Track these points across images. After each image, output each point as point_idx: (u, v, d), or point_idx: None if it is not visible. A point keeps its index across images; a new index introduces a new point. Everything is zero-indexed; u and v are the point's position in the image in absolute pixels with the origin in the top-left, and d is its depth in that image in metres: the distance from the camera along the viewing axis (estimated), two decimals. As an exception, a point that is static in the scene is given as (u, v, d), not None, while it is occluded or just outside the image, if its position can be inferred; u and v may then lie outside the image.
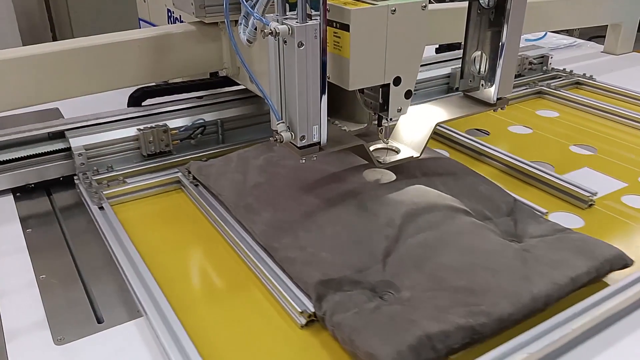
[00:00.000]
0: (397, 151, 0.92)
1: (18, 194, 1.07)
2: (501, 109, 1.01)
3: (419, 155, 0.95)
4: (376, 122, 0.91)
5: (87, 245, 0.93)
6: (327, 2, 0.76)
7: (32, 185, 1.08)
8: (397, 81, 0.83)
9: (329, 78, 0.82)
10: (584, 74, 1.68)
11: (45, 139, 1.11)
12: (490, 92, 1.00)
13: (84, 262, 0.89)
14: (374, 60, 0.80)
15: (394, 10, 0.78)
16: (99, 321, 0.76)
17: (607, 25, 2.01)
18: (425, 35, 0.82)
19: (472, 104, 1.02)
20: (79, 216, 1.01)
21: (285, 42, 0.74)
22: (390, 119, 0.87)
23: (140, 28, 1.71)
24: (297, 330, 0.74)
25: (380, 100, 0.84)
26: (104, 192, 1.02)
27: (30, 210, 1.03)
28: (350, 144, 0.85)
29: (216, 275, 0.86)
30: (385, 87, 0.83)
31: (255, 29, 0.88)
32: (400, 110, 0.85)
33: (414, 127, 0.88)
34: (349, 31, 0.77)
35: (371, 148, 0.91)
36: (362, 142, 0.86)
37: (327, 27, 0.77)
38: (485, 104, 1.00)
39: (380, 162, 0.88)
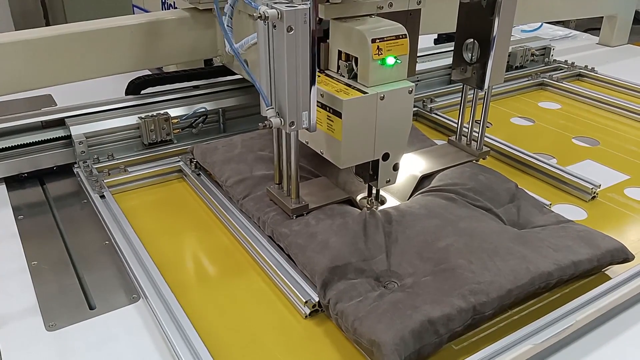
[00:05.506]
0: (384, 201, 0.96)
1: (10, 183, 1.05)
2: (483, 159, 1.06)
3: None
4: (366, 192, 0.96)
5: (80, 232, 0.92)
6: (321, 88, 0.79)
7: (25, 174, 1.06)
8: (385, 157, 0.86)
9: (322, 153, 0.86)
10: (586, 66, 1.67)
11: (38, 127, 1.09)
12: (474, 146, 1.06)
13: (76, 249, 0.88)
14: (364, 141, 0.83)
15: (383, 97, 0.81)
16: (91, 307, 0.76)
17: (603, 17, 2.01)
18: (411, 115, 0.87)
19: (456, 153, 1.06)
20: (72, 204, 1.00)
21: (275, 26, 0.74)
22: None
23: (134, 14, 1.70)
24: (300, 320, 0.74)
25: (370, 172, 0.88)
26: (105, 181, 1.01)
27: (23, 198, 1.01)
28: (338, 197, 0.90)
29: (218, 263, 0.86)
30: (375, 161, 0.86)
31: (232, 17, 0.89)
32: (389, 181, 0.89)
33: (400, 178, 0.93)
34: (341, 118, 0.79)
35: (358, 197, 0.96)
36: (349, 196, 0.91)
37: (322, 109, 0.82)
38: (470, 153, 1.07)
39: (368, 208, 0.91)
